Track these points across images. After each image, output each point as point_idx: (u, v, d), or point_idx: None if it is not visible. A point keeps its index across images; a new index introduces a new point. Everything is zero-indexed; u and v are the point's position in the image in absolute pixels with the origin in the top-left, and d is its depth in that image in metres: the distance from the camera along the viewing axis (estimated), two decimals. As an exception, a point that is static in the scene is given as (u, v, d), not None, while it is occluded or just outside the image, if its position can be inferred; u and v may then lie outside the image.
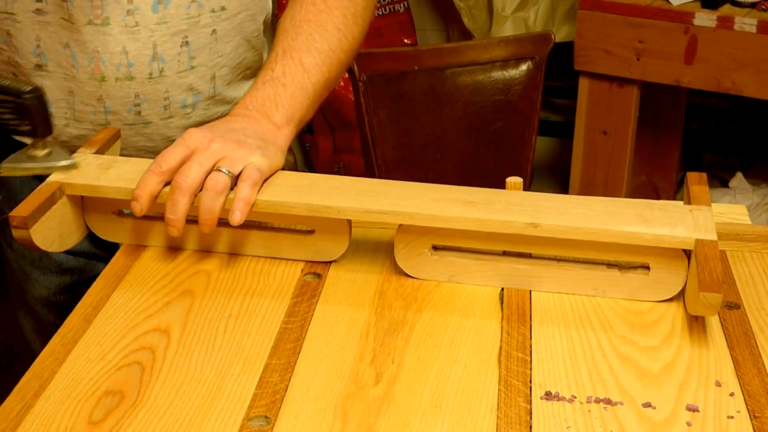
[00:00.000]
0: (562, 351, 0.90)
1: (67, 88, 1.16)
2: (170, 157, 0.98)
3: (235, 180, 0.97)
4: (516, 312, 0.96)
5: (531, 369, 0.87)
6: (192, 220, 1.00)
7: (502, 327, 0.93)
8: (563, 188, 2.71)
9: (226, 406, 0.83)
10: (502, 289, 0.99)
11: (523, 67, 2.08)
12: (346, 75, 2.11)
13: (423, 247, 0.99)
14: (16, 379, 0.87)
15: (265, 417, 0.81)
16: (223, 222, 0.99)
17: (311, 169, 3.19)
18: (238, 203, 0.96)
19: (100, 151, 1.07)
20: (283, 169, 1.04)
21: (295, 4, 1.16)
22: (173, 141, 1.02)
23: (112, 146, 1.11)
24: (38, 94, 0.99)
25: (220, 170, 0.97)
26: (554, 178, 2.96)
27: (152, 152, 1.16)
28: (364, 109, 2.03)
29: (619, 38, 2.29)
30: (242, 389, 0.85)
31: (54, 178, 1.02)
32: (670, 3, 2.26)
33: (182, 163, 0.98)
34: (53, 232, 1.01)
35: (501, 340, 0.91)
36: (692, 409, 0.83)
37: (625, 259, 0.97)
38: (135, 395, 0.84)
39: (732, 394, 0.84)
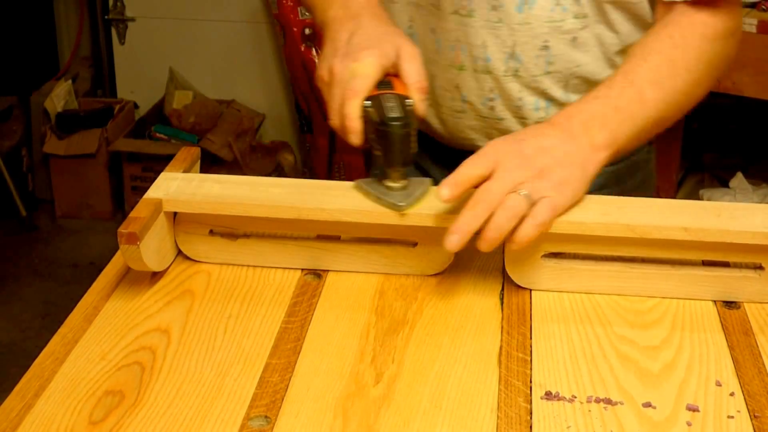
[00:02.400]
0: (562, 351, 0.90)
1: (429, 71, 1.14)
2: (471, 172, 0.93)
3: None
4: (516, 312, 0.96)
5: (531, 369, 0.87)
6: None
7: (502, 327, 0.93)
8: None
9: (226, 406, 0.83)
10: (502, 288, 0.99)
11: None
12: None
13: (536, 254, 0.97)
14: (16, 379, 0.87)
15: (265, 417, 0.81)
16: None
17: (311, 169, 3.18)
18: (529, 227, 0.91)
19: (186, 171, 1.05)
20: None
21: (650, 32, 1.08)
22: None
23: (194, 167, 1.08)
24: (399, 125, 0.96)
25: (519, 193, 0.91)
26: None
27: None
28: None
29: (619, 38, 2.28)
30: (242, 389, 0.85)
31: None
32: (670, 3, 2.25)
33: (481, 178, 0.93)
34: (153, 252, 0.97)
35: (501, 339, 0.91)
36: (692, 409, 0.83)
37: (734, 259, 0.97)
38: (135, 395, 0.84)
39: (732, 394, 0.84)
